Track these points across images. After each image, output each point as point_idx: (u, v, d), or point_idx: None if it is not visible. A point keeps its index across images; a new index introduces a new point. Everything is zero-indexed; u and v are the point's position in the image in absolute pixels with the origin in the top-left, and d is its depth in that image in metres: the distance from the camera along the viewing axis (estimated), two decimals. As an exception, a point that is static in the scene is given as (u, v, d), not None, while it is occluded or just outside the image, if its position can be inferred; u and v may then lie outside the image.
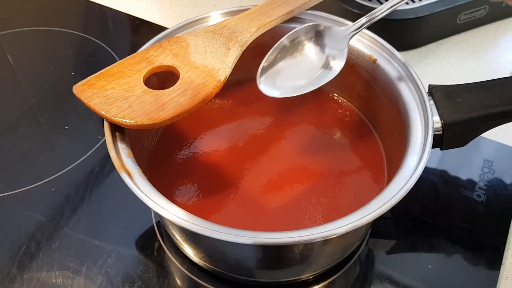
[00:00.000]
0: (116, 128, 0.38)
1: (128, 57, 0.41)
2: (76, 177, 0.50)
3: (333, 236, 0.32)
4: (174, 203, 0.34)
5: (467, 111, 0.40)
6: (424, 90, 0.40)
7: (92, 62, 0.62)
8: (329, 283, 0.42)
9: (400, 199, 0.34)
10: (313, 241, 0.32)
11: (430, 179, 0.49)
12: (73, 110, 0.56)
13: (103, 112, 0.37)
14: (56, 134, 0.54)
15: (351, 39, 0.42)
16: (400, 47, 0.45)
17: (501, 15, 0.66)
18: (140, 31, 0.67)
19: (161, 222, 0.46)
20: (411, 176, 0.35)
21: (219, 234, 0.32)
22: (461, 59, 0.62)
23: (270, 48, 0.49)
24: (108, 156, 0.37)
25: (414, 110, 0.40)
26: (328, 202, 0.42)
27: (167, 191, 0.43)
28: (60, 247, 0.44)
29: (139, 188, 0.35)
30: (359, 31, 0.42)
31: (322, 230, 0.32)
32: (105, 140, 0.37)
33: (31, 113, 0.56)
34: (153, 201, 0.34)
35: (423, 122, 0.39)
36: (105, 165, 0.50)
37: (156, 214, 0.44)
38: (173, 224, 0.38)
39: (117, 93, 0.38)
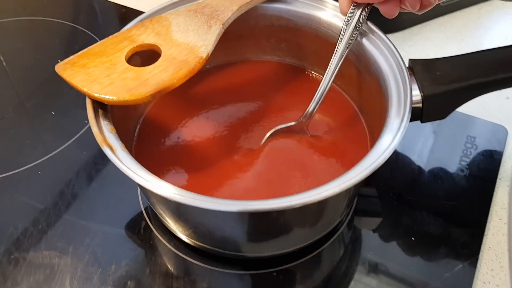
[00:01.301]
0: (99, 106, 0.38)
1: (110, 36, 0.42)
2: (63, 160, 0.50)
3: (313, 202, 0.32)
4: None
5: (447, 83, 0.41)
6: (404, 63, 0.41)
7: (79, 50, 0.62)
8: (313, 256, 0.43)
9: (374, 170, 0.34)
10: (294, 207, 0.32)
11: (414, 156, 0.50)
12: (59, 97, 0.56)
13: (85, 89, 0.37)
14: (43, 120, 0.54)
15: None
16: (384, 30, 0.45)
17: (484, -4, 0.66)
18: (127, 19, 0.66)
19: (146, 200, 0.46)
20: (387, 148, 0.35)
21: (202, 203, 0.32)
22: (444, 40, 0.62)
23: (253, 29, 0.50)
24: (95, 140, 0.36)
25: (394, 84, 0.40)
26: (313, 180, 0.43)
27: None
28: (47, 228, 0.44)
29: (121, 162, 0.35)
30: (311, 117, 0.45)
31: (300, 197, 0.32)
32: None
33: (17, 100, 0.56)
34: (135, 173, 0.34)
35: (402, 95, 0.40)
36: (91, 148, 0.51)
37: (140, 187, 0.45)
38: (158, 197, 0.39)
39: (99, 70, 0.38)
